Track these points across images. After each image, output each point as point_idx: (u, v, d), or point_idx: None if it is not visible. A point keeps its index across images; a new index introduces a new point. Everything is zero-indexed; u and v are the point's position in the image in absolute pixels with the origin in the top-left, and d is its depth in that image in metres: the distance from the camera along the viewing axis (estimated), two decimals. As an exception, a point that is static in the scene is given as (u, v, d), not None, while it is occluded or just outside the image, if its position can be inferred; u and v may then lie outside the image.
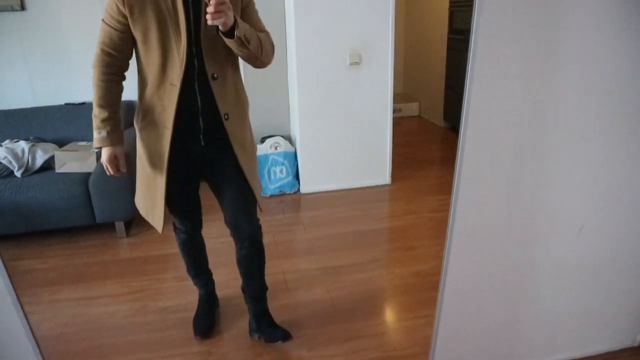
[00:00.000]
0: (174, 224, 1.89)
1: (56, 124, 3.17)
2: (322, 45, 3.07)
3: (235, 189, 1.68)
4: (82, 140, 3.11)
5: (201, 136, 1.59)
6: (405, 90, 6.10)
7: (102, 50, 1.51)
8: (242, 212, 1.72)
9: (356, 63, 3.13)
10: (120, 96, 1.61)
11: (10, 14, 3.10)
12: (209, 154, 1.63)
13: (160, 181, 1.60)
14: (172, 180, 1.61)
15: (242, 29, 1.39)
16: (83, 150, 2.87)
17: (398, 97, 5.61)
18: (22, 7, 3.11)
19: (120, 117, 1.63)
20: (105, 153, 1.59)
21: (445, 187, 3.43)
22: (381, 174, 3.48)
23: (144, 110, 1.57)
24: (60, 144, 3.11)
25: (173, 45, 1.45)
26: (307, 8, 2.99)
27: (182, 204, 1.77)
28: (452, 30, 4.75)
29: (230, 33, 1.37)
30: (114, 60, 1.53)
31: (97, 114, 1.55)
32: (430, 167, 3.91)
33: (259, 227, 1.79)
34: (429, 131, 5.10)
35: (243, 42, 1.40)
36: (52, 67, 3.25)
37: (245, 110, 1.68)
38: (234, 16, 1.35)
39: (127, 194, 2.65)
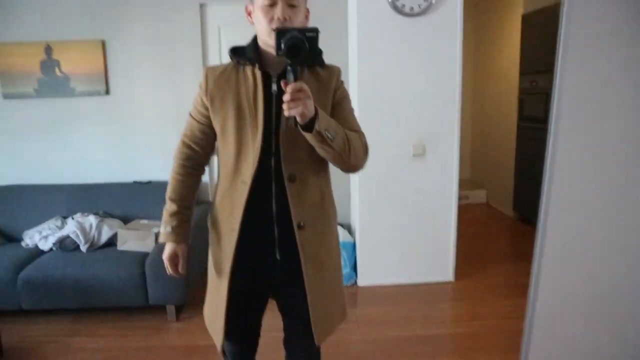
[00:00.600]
0: (222, 347, 1.57)
1: (124, 200, 3.30)
2: (384, 136, 3.02)
3: (297, 319, 1.47)
4: (145, 218, 3.19)
5: (276, 248, 1.40)
6: (472, 176, 5.91)
7: (183, 142, 1.48)
8: (299, 347, 1.56)
9: (420, 155, 3.04)
10: (194, 191, 1.52)
11: (96, 97, 3.38)
12: (284, 271, 1.43)
13: (223, 291, 1.44)
14: (235, 293, 1.43)
15: (324, 122, 1.23)
16: (144, 230, 2.93)
17: (464, 184, 5.42)
18: (107, 92, 3.38)
19: (191, 214, 1.51)
20: (166, 250, 1.48)
21: (516, 289, 3.13)
22: (444, 269, 3.25)
23: (216, 208, 1.46)
24: (126, 220, 3.21)
25: (249, 138, 1.34)
26: (370, 99, 3.00)
27: (241, 324, 1.54)
28: (522, 117, 4.60)
29: (310, 126, 1.21)
30: (194, 154, 1.47)
31: (167, 207, 1.48)
32: (498, 263, 3.62)
33: (317, 355, 1.63)
34: (497, 221, 4.81)
35: (324, 138, 1.23)
36: (125, 147, 3.46)
37: (330, 222, 1.48)
38: (315, 108, 1.21)
39: (180, 279, 2.63)
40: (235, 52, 1.41)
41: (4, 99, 3.39)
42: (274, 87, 1.34)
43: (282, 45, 1.17)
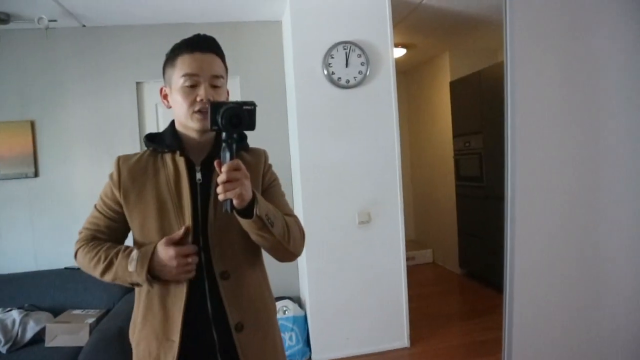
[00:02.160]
0: None
1: (54, 289, 3.01)
2: (329, 207, 3.03)
3: None
4: (78, 307, 2.93)
5: (218, 355, 1.21)
6: (417, 237, 6.01)
7: (87, 229, 1.28)
8: None
9: (365, 222, 3.05)
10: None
11: (23, 180, 3.19)
12: None
13: None
14: None
15: (264, 206, 1.11)
16: (76, 322, 2.67)
17: (410, 245, 5.48)
18: (36, 175, 3.19)
19: None
20: (164, 254, 1.15)
21: (472, 347, 3.11)
22: (398, 335, 3.18)
23: (143, 317, 1.24)
24: (56, 311, 2.91)
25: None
26: (312, 171, 3.02)
27: None
28: (459, 177, 4.81)
29: (248, 212, 1.08)
30: (100, 240, 1.26)
31: (113, 260, 1.18)
32: (452, 323, 3.61)
33: None
34: (445, 280, 4.86)
35: (265, 224, 1.10)
36: (56, 232, 3.23)
37: (271, 320, 1.33)
38: (253, 191, 1.09)
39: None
40: (152, 139, 1.29)
41: None
42: (199, 175, 1.23)
43: (220, 118, 1.07)
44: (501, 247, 1.30)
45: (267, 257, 1.37)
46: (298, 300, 3.37)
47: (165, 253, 1.14)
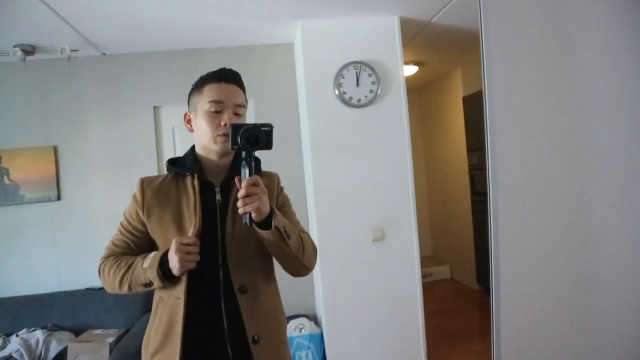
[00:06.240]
0: None
1: (76, 309, 3.10)
2: (342, 224, 3.05)
3: None
4: (99, 327, 3.00)
5: None
6: (434, 252, 5.97)
7: (115, 246, 1.34)
8: None
9: (379, 239, 3.07)
10: None
11: (46, 204, 3.29)
12: None
13: None
14: None
15: (281, 219, 1.20)
16: (97, 341, 2.74)
17: (427, 260, 5.46)
18: (58, 198, 3.30)
19: None
20: (170, 247, 1.20)
21: (490, 366, 3.06)
22: (416, 353, 3.15)
23: (155, 329, 1.29)
24: (78, 331, 2.99)
25: None
26: (326, 189, 3.05)
27: None
28: (474, 192, 4.79)
29: (266, 224, 1.17)
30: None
31: (133, 263, 1.25)
32: (469, 340, 3.57)
33: None
34: (463, 296, 4.81)
35: (282, 236, 1.18)
36: (78, 253, 3.31)
37: (283, 332, 1.39)
38: (270, 205, 1.18)
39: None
40: (173, 163, 1.38)
41: (-54, 211, 3.24)
42: (218, 196, 1.31)
43: (239, 138, 1.16)
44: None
45: (281, 276, 1.43)
46: (314, 318, 3.38)
47: (171, 246, 1.20)
